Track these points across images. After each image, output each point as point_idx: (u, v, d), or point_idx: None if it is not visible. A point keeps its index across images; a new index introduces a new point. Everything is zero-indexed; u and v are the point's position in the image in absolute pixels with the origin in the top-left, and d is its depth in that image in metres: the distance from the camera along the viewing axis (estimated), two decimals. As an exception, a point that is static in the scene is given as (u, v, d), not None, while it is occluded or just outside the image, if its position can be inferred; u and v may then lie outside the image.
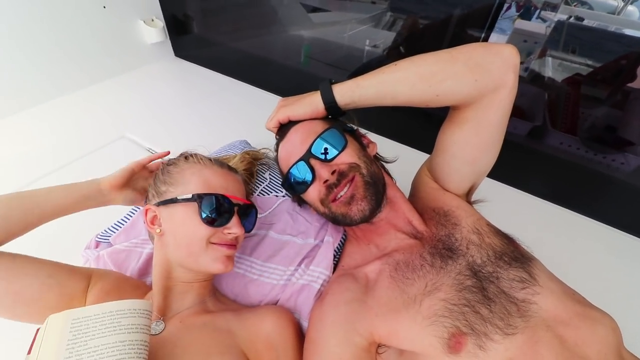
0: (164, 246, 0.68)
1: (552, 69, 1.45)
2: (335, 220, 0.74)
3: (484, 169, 0.77)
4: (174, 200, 0.66)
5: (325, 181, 0.70)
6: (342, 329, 0.63)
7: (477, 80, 0.64)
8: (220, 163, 0.74)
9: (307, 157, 0.72)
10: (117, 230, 0.94)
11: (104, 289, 0.66)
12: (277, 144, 0.82)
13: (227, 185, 0.69)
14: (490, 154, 0.74)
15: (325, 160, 0.72)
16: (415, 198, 0.85)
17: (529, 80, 1.43)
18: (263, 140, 1.02)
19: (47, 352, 0.45)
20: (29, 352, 0.47)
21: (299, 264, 0.81)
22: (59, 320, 0.47)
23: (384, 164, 0.88)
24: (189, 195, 0.65)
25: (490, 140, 0.71)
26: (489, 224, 0.73)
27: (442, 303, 0.59)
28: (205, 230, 0.64)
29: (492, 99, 0.66)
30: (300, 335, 0.71)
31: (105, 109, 1.67)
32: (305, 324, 0.74)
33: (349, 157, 0.72)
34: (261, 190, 0.98)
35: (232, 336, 0.64)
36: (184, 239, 0.65)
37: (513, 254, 0.65)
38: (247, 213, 0.71)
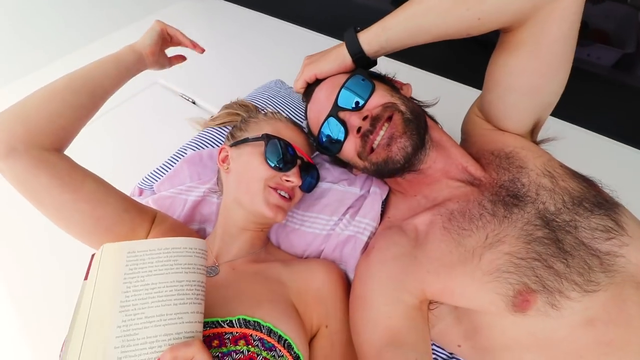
0: (228, 185, 0.71)
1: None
2: (378, 171, 0.68)
3: (549, 99, 0.66)
4: (245, 141, 0.70)
5: (359, 130, 0.64)
6: (391, 286, 0.59)
7: None
8: (294, 122, 0.79)
9: (335, 111, 0.67)
10: (159, 177, 0.93)
11: (162, 231, 0.67)
12: (306, 108, 0.77)
13: (296, 139, 0.71)
14: (556, 80, 0.63)
15: (356, 109, 0.65)
16: (467, 143, 0.76)
17: None
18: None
19: (105, 283, 0.45)
20: (85, 278, 0.47)
21: (344, 214, 0.77)
22: (115, 251, 0.47)
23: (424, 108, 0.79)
24: (259, 135, 0.69)
25: (555, 61, 0.60)
26: (562, 165, 0.63)
27: (507, 257, 0.52)
28: (265, 170, 0.66)
29: (553, 9, 0.55)
30: (348, 291, 0.69)
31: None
32: (351, 275, 0.72)
33: (380, 98, 0.66)
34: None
35: (283, 286, 0.63)
36: (245, 176, 0.68)
37: (595, 199, 0.56)
38: (309, 171, 0.72)
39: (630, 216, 0.56)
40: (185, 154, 0.97)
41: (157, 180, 0.93)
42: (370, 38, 0.65)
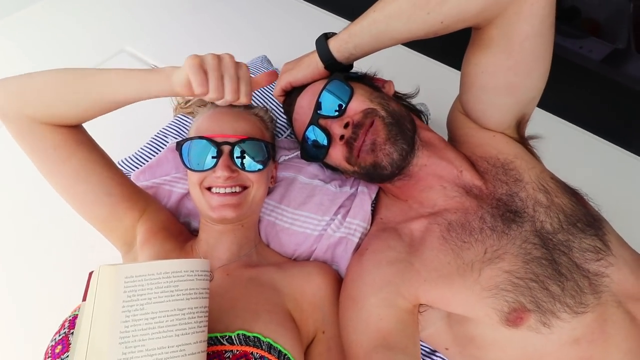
0: None
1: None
2: (368, 175, 0.68)
3: (529, 95, 0.65)
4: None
5: (342, 137, 0.64)
6: (384, 290, 0.60)
7: None
8: (219, 106, 0.67)
9: (316, 118, 0.66)
10: (135, 163, 0.87)
11: (153, 229, 0.66)
12: (290, 117, 0.75)
13: (214, 127, 0.64)
14: (534, 76, 0.62)
15: (335, 116, 0.65)
16: (456, 143, 0.75)
17: None
18: (285, 56, 0.88)
19: (103, 310, 0.43)
20: (83, 299, 0.45)
21: (335, 214, 0.77)
22: (112, 275, 0.44)
23: (412, 104, 0.78)
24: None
25: (530, 58, 0.59)
26: (553, 177, 0.64)
27: (506, 275, 0.53)
28: (192, 175, 0.64)
29: (520, 7, 0.53)
30: None
31: (100, 18, 1.44)
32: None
33: (359, 104, 0.65)
34: (291, 132, 0.89)
35: (278, 293, 0.63)
36: (189, 184, 0.67)
37: (586, 218, 0.58)
38: (249, 149, 0.63)
39: (613, 232, 0.59)
40: (166, 140, 0.90)
41: (132, 166, 0.87)
42: (340, 45, 0.64)
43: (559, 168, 0.68)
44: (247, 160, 0.63)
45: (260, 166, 0.64)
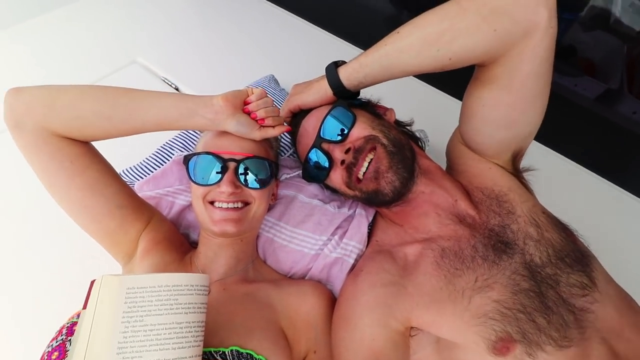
0: None
1: (621, 9, 1.24)
2: (367, 200, 0.71)
3: (526, 130, 0.68)
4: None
5: (342, 162, 0.67)
6: (378, 310, 0.61)
7: (496, 30, 0.55)
8: None
9: (319, 142, 0.69)
10: (139, 173, 0.88)
11: (155, 239, 0.67)
12: (293, 138, 0.78)
13: (221, 143, 0.65)
14: (531, 112, 0.65)
15: (338, 141, 0.68)
16: (454, 172, 0.78)
17: (604, 27, 1.21)
18: (291, 75, 0.91)
19: (103, 319, 0.44)
20: (84, 307, 0.46)
21: (332, 234, 0.78)
22: (114, 286, 0.45)
23: (412, 131, 0.81)
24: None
25: (530, 95, 0.62)
26: (544, 212, 0.66)
27: (495, 305, 0.55)
28: (197, 188, 0.65)
29: (523, 48, 0.57)
30: None
31: (113, 27, 1.48)
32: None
33: (361, 130, 0.68)
34: (294, 152, 0.91)
35: (273, 311, 0.64)
36: (192, 198, 0.68)
37: (575, 254, 0.59)
38: (253, 167, 0.65)
39: (600, 269, 0.61)
40: (172, 152, 0.92)
41: (136, 176, 0.89)
42: (349, 74, 0.67)
43: (551, 200, 0.70)
44: (251, 178, 0.65)
45: (263, 184, 0.66)
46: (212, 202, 0.64)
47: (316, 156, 0.71)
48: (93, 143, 0.64)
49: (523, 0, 0.54)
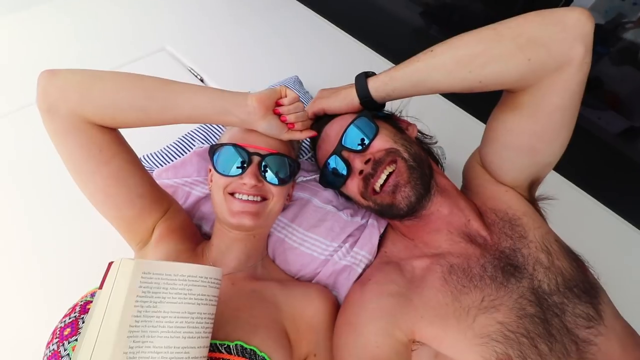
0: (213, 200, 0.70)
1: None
2: (381, 212, 0.71)
3: (547, 160, 0.69)
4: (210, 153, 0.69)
5: (361, 172, 0.67)
6: (383, 319, 0.61)
7: (530, 60, 0.55)
8: None
9: (339, 149, 0.70)
10: (159, 160, 0.90)
11: (170, 227, 0.68)
12: (313, 142, 0.79)
13: (248, 137, 0.66)
14: (555, 144, 0.65)
15: (358, 151, 0.69)
16: (469, 192, 0.78)
17: (633, 62, 1.19)
18: (316, 80, 0.91)
19: (117, 302, 0.44)
20: (100, 287, 0.47)
21: (344, 242, 0.79)
22: (131, 269, 0.45)
23: (430, 148, 0.82)
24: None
25: (555, 127, 0.62)
26: (557, 240, 0.66)
27: (499, 326, 0.54)
28: (220, 179, 0.65)
29: (555, 81, 0.56)
30: None
31: (146, 13, 1.52)
32: (342, 303, 0.74)
33: (383, 142, 0.68)
34: (312, 155, 0.92)
35: (278, 310, 0.64)
36: (213, 189, 0.69)
37: (584, 284, 0.59)
38: (275, 163, 0.66)
39: (608, 303, 0.60)
40: (193, 143, 0.94)
41: (156, 163, 0.91)
42: (378, 85, 0.67)
43: (564, 230, 0.69)
44: (272, 174, 0.66)
45: (283, 181, 0.67)
46: (232, 194, 0.65)
47: (335, 163, 0.72)
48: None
49: (561, 34, 0.53)
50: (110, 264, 0.48)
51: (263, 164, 0.65)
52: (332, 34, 1.57)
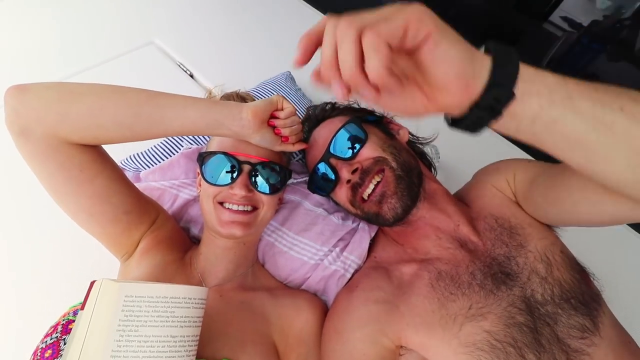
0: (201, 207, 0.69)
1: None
2: (368, 220, 0.71)
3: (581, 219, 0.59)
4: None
5: (348, 181, 0.67)
6: (370, 327, 0.61)
7: None
8: None
9: (327, 157, 0.69)
10: (146, 161, 0.87)
11: (157, 238, 0.67)
12: (304, 149, 0.75)
13: (238, 144, 0.64)
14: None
15: (346, 159, 0.67)
16: (471, 195, 0.75)
17: (629, 58, 1.16)
18: (309, 76, 0.87)
19: (99, 324, 0.44)
20: (82, 307, 0.46)
21: (334, 246, 0.78)
22: (113, 292, 0.45)
23: (423, 149, 0.80)
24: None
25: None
26: (563, 251, 0.62)
27: (485, 335, 0.53)
28: (209, 188, 0.64)
29: None
30: None
31: (134, 5, 1.46)
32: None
33: (371, 151, 0.67)
34: (302, 157, 0.91)
35: (267, 323, 0.64)
36: (201, 197, 0.67)
37: (582, 296, 0.57)
38: (266, 172, 0.64)
39: (609, 314, 0.59)
40: (181, 143, 0.91)
41: (142, 164, 0.88)
42: (532, 93, 0.35)
43: (566, 233, 0.66)
44: (263, 182, 0.64)
45: (274, 190, 0.65)
46: (221, 203, 0.64)
47: (323, 170, 0.70)
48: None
49: None
50: (92, 283, 0.46)
51: (253, 172, 0.63)
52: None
